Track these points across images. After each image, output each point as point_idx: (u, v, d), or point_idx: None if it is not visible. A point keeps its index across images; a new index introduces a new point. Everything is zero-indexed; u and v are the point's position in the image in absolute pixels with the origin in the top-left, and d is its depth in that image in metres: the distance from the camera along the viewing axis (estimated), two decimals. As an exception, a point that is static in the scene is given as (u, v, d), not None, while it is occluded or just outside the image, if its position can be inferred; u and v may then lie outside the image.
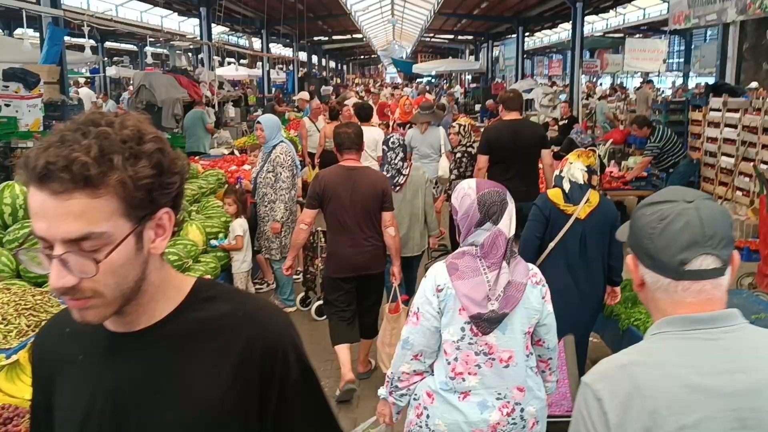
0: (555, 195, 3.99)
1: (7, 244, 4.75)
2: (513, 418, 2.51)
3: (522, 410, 2.52)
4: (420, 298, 2.57)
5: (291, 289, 6.53)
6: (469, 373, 2.51)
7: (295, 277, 6.79)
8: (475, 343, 2.50)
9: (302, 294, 6.57)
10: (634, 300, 4.76)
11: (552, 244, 3.94)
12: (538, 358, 2.65)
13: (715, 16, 11.04)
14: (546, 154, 6.28)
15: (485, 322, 2.47)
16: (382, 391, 2.78)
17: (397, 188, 5.43)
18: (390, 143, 5.63)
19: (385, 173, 5.41)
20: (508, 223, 2.53)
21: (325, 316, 6.01)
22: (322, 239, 6.28)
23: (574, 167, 4.03)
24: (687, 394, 1.31)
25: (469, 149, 7.61)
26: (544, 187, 6.92)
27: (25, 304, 3.94)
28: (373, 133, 8.36)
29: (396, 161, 5.54)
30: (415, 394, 2.62)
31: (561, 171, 4.09)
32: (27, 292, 4.10)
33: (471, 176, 7.34)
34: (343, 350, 4.82)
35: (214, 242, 6.11)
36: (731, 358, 1.34)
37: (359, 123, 7.77)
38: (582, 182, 4.00)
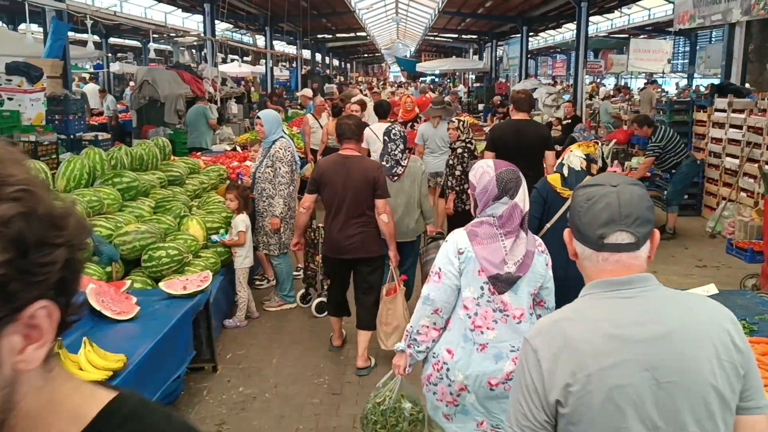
0: (553, 179, 4.27)
1: None
2: None
3: None
4: (442, 260, 2.85)
5: (291, 286, 6.51)
6: (488, 328, 2.81)
7: (295, 273, 6.78)
8: (492, 301, 2.81)
9: (302, 291, 6.54)
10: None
11: (548, 224, 4.20)
12: (538, 317, 2.90)
13: (720, 17, 10.98)
14: (549, 156, 6.33)
15: (502, 283, 2.79)
16: (400, 345, 3.04)
17: (395, 178, 5.71)
18: (392, 134, 5.84)
19: (384, 163, 5.64)
20: (522, 198, 2.85)
21: (325, 313, 6.11)
22: (323, 235, 6.26)
23: (573, 155, 4.30)
24: (605, 343, 1.56)
25: (469, 145, 7.62)
26: None
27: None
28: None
29: (396, 152, 5.77)
30: (434, 353, 2.87)
31: (562, 159, 4.35)
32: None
33: (465, 172, 7.48)
34: (335, 322, 5.46)
35: (215, 238, 6.08)
36: (643, 313, 1.60)
37: (378, 120, 8.63)
38: (579, 168, 4.20)
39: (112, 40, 29.87)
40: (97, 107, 18.22)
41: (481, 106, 24.46)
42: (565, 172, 4.23)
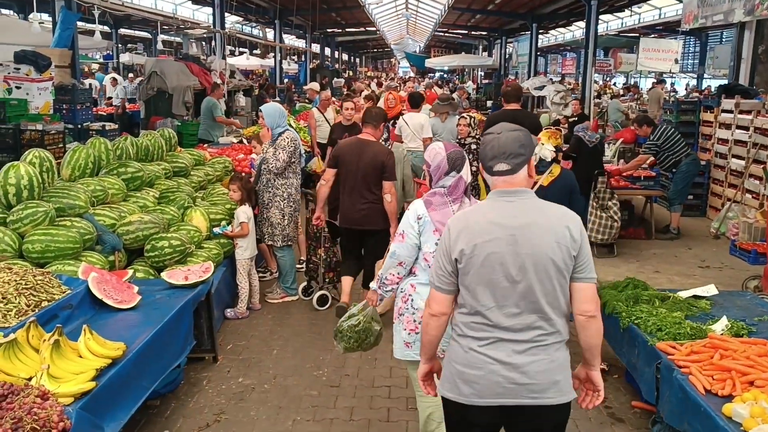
0: None
1: (11, 224, 4.77)
2: None
3: None
4: (405, 224, 3.61)
5: (294, 278, 6.54)
6: None
7: (297, 266, 6.81)
8: None
9: (304, 283, 6.57)
10: (636, 299, 4.73)
11: None
12: None
13: (722, 17, 10.93)
14: None
15: None
16: (373, 285, 3.88)
17: None
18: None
19: None
20: (466, 171, 3.62)
21: (326, 306, 6.17)
22: (326, 230, 6.30)
23: (545, 149, 5.38)
24: (489, 225, 2.49)
25: (479, 140, 7.81)
26: None
27: (26, 284, 3.96)
28: (420, 119, 9.35)
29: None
30: (402, 289, 3.67)
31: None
32: (28, 273, 4.12)
33: (477, 172, 7.58)
34: (346, 281, 5.95)
35: (217, 230, 6.11)
36: (515, 210, 2.50)
37: (410, 109, 9.61)
38: (549, 160, 5.38)
39: (122, 31, 29.96)
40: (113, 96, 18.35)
41: (489, 103, 24.39)
42: (534, 160, 4.39)
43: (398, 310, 3.70)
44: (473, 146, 7.81)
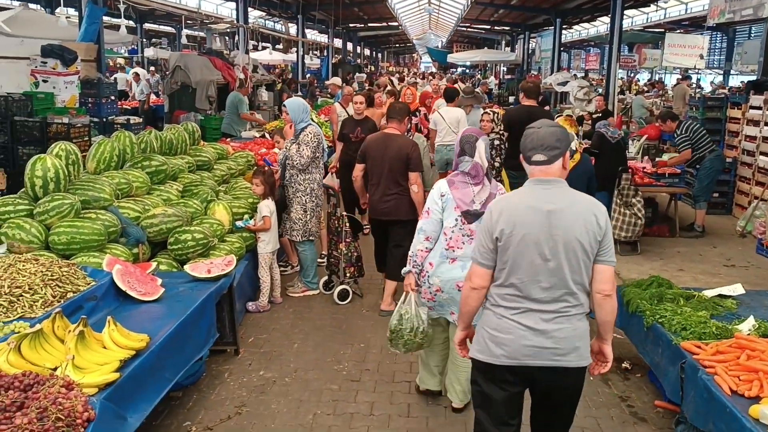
0: None
1: (37, 215, 4.83)
2: None
3: None
4: (430, 201, 4.03)
5: (315, 273, 6.55)
6: (458, 248, 4.00)
7: (319, 260, 6.83)
8: (463, 229, 3.99)
9: (325, 278, 6.59)
10: (660, 297, 4.68)
11: None
12: None
13: (751, 11, 10.69)
14: None
15: (471, 216, 3.95)
16: (406, 268, 4.18)
17: None
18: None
19: None
20: (481, 156, 3.92)
21: (346, 301, 6.22)
22: (347, 224, 6.31)
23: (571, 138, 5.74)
24: (526, 209, 2.84)
25: (502, 136, 7.80)
26: None
27: (51, 275, 4.02)
28: (456, 113, 9.55)
29: None
30: (420, 266, 4.08)
31: None
32: (54, 264, 4.17)
33: (502, 163, 7.60)
34: (388, 285, 6.09)
35: (239, 223, 6.14)
36: (550, 197, 2.84)
37: (446, 103, 9.90)
38: (573, 149, 5.64)
39: (146, 26, 30.19)
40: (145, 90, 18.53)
41: (511, 99, 24.23)
42: None
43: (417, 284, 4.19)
44: (496, 142, 7.77)
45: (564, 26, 28.43)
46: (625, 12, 19.22)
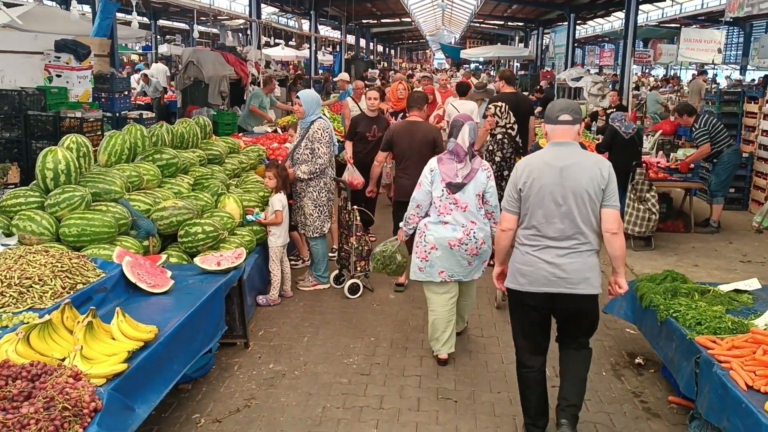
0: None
1: (48, 207, 4.84)
2: (469, 237, 4.73)
3: (474, 233, 4.74)
4: (422, 176, 4.82)
5: (326, 266, 6.53)
6: (447, 213, 4.75)
7: (330, 254, 6.80)
8: (449, 198, 4.73)
9: (336, 272, 6.57)
10: (674, 292, 4.61)
11: None
12: (486, 210, 4.80)
13: (768, 4, 10.59)
14: (531, 120, 8.49)
15: (454, 187, 4.70)
16: (400, 224, 5.08)
17: None
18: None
19: None
20: (463, 139, 4.68)
21: (357, 295, 6.20)
22: (357, 218, 6.27)
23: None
24: (543, 165, 3.57)
25: (509, 130, 7.52)
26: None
27: (61, 266, 4.01)
28: (470, 105, 9.61)
29: None
30: (419, 228, 4.86)
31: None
32: (64, 256, 4.17)
33: (512, 158, 7.46)
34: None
35: (250, 217, 6.13)
36: (563, 155, 3.56)
37: (458, 97, 10.26)
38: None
39: (161, 22, 30.29)
40: (164, 85, 18.58)
41: (525, 94, 24.08)
42: None
43: (415, 243, 4.90)
44: (499, 137, 7.55)
45: (578, 22, 28.23)
46: (640, 7, 19.04)
